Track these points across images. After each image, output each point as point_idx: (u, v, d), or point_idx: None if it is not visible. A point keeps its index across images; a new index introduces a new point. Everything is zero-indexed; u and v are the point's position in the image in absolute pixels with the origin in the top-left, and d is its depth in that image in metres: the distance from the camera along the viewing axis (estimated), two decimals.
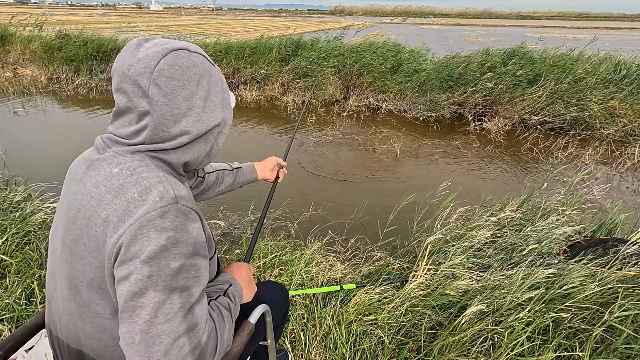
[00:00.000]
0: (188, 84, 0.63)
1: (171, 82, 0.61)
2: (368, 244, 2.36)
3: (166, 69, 0.60)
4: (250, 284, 0.87)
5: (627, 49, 5.75)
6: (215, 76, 0.69)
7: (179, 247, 0.58)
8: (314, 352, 1.48)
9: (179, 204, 0.60)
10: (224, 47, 6.83)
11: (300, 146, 4.39)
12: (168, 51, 0.61)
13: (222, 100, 0.71)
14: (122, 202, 0.58)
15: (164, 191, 0.60)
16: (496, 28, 44.21)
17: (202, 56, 0.67)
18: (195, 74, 0.64)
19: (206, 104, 0.66)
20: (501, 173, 3.80)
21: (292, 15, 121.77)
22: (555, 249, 1.96)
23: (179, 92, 0.62)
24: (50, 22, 13.59)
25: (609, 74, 5.03)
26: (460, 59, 5.63)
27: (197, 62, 0.65)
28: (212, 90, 0.67)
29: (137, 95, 0.61)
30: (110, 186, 0.60)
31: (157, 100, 0.61)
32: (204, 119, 0.66)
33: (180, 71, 0.62)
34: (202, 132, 0.67)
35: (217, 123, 0.69)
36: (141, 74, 0.60)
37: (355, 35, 8.91)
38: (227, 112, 0.73)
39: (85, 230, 0.60)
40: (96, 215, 0.59)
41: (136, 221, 0.56)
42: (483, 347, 1.40)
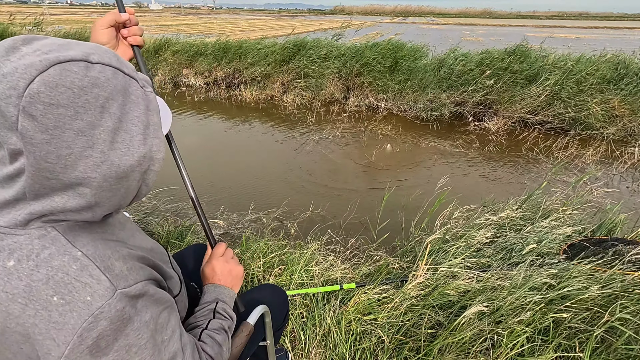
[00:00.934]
0: (84, 113, 0.42)
1: (53, 110, 0.41)
2: (368, 243, 2.36)
3: (44, 91, 0.40)
4: (233, 273, 0.83)
5: (627, 49, 5.74)
6: (135, 95, 0.48)
7: (140, 337, 0.49)
8: (314, 351, 1.48)
9: (117, 290, 0.47)
10: (224, 46, 6.84)
11: (300, 146, 4.38)
12: (50, 64, 0.41)
13: (146, 128, 0.49)
14: (40, 312, 0.43)
15: (92, 283, 0.45)
16: (496, 28, 44.21)
17: (112, 68, 0.45)
18: (98, 96, 0.43)
19: (116, 137, 0.45)
20: (501, 173, 3.80)
21: (292, 14, 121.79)
22: (555, 249, 1.96)
23: (69, 125, 0.41)
24: (49, 22, 13.58)
25: (609, 73, 5.02)
26: (458, 55, 5.64)
27: (100, 78, 0.44)
28: (127, 116, 0.46)
29: (3, 127, 0.42)
30: (11, 291, 0.44)
31: (32, 136, 0.41)
32: (113, 158, 0.45)
33: (70, 94, 0.41)
34: (111, 177, 0.46)
35: (136, 161, 0.48)
36: (4, 98, 0.40)
37: (355, 35, 8.91)
38: (155, 142, 0.51)
39: (3, 346, 0.46)
40: (9, 331, 0.44)
41: (72, 335, 0.43)
42: (483, 347, 1.40)
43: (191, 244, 1.32)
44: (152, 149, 0.50)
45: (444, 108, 5.34)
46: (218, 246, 0.87)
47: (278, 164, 3.87)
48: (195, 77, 6.95)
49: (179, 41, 7.37)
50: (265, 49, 6.51)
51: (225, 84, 6.84)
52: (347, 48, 6.29)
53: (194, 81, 6.94)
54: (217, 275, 0.81)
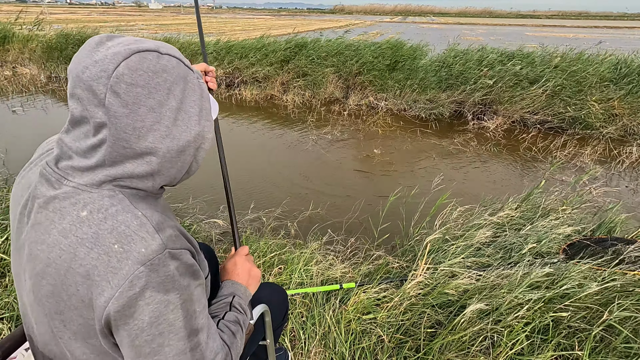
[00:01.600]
0: (155, 92, 0.53)
1: (133, 89, 0.51)
2: (367, 243, 2.36)
3: (127, 73, 0.50)
4: (252, 271, 0.86)
5: (627, 49, 5.75)
6: (192, 83, 0.58)
7: (178, 297, 0.54)
8: (314, 350, 1.48)
9: (167, 249, 0.54)
10: (225, 46, 6.83)
11: (300, 145, 4.38)
12: (131, 52, 0.52)
13: (200, 111, 0.60)
14: (102, 256, 0.51)
15: (147, 237, 0.53)
16: (496, 27, 44.19)
17: (176, 59, 0.56)
18: (166, 80, 0.54)
19: (178, 115, 0.56)
20: (500, 172, 3.80)
21: (292, 14, 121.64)
22: (554, 248, 1.96)
23: (143, 102, 0.52)
24: (49, 21, 13.56)
25: (609, 72, 5.02)
26: (458, 53, 5.64)
27: (168, 66, 0.54)
28: (187, 99, 0.57)
29: (92, 104, 0.51)
30: (81, 236, 0.52)
31: (116, 111, 0.51)
32: (175, 133, 0.56)
33: (146, 77, 0.52)
34: (172, 149, 0.56)
35: (193, 138, 0.58)
36: (96, 79, 0.50)
37: (355, 35, 8.90)
38: (206, 124, 0.61)
39: (62, 287, 0.53)
40: (72, 272, 0.51)
41: (125, 280, 0.50)
42: (482, 346, 1.40)
43: None
44: (204, 129, 0.61)
45: (443, 107, 5.35)
46: (243, 248, 0.91)
47: (278, 163, 3.87)
48: None
49: (179, 40, 7.37)
50: (266, 48, 6.51)
51: (225, 83, 6.84)
52: (346, 46, 6.28)
53: None
54: (237, 270, 0.84)
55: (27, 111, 5.36)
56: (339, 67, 6.13)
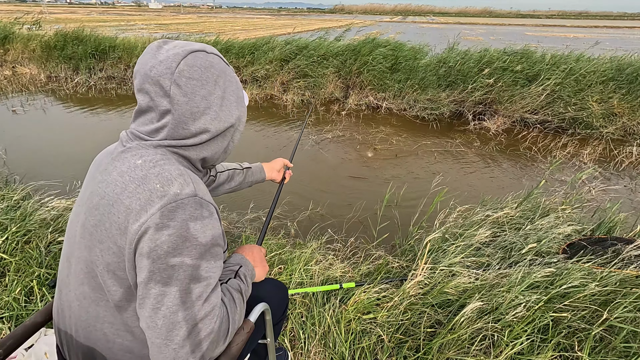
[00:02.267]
0: (206, 84, 0.67)
1: (191, 82, 0.65)
2: (367, 242, 2.36)
3: (186, 69, 0.64)
4: (262, 262, 0.91)
5: (627, 48, 5.75)
6: (230, 75, 0.72)
7: (199, 239, 0.60)
8: (314, 350, 1.48)
9: (197, 196, 0.63)
10: (225, 46, 6.83)
11: (300, 145, 4.38)
12: (187, 53, 0.65)
13: (237, 99, 0.74)
14: (145, 192, 0.60)
15: (184, 183, 0.63)
16: (496, 27, 44.18)
17: (218, 57, 0.70)
18: (213, 74, 0.68)
19: (223, 102, 0.70)
20: (500, 172, 3.80)
21: (292, 14, 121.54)
22: (554, 248, 1.96)
23: (198, 92, 0.66)
24: (48, 21, 13.55)
25: (610, 72, 5.02)
26: (458, 53, 5.63)
27: (214, 62, 0.68)
28: (228, 89, 0.71)
29: (158, 95, 0.64)
30: (134, 176, 0.62)
31: (178, 99, 0.64)
32: (222, 116, 0.70)
33: (199, 71, 0.66)
34: (220, 130, 0.71)
35: (234, 121, 0.73)
36: (163, 75, 0.63)
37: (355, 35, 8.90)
38: (242, 110, 0.76)
39: (107, 216, 0.62)
40: (119, 202, 0.61)
41: (158, 211, 0.59)
42: (482, 346, 1.40)
43: None
44: (241, 114, 0.76)
45: (443, 107, 5.35)
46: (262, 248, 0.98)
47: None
48: None
49: (179, 40, 7.35)
50: (265, 47, 6.51)
51: None
52: (346, 46, 6.28)
53: None
54: (252, 252, 0.89)
55: (27, 111, 5.36)
56: (339, 67, 6.12)
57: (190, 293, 0.60)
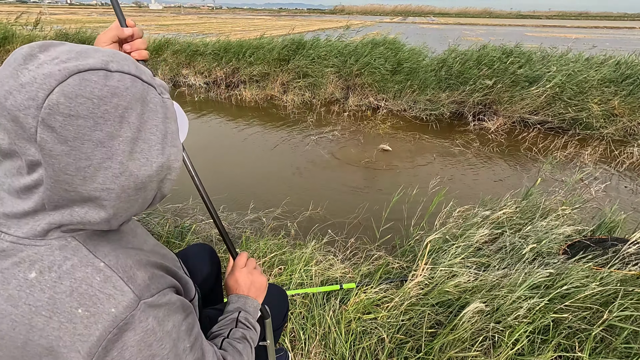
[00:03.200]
0: (103, 124, 0.41)
1: (73, 122, 0.39)
2: (368, 243, 2.36)
3: (63, 102, 0.39)
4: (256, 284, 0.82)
5: (627, 49, 5.74)
6: (153, 103, 0.46)
7: (166, 345, 0.49)
8: (314, 351, 1.48)
9: (141, 301, 0.47)
10: (224, 45, 6.83)
11: (300, 145, 4.38)
12: (69, 74, 0.40)
13: (164, 137, 0.47)
14: (64, 325, 0.43)
15: (116, 294, 0.45)
16: (496, 27, 44.20)
17: (131, 76, 0.44)
18: (117, 106, 0.41)
19: (135, 147, 0.44)
20: (500, 172, 3.80)
21: (292, 14, 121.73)
22: (554, 249, 1.96)
23: (88, 136, 0.40)
24: (49, 21, 13.58)
25: (611, 73, 5.02)
26: (457, 54, 5.64)
27: (120, 87, 0.42)
28: (145, 125, 0.45)
29: (21, 138, 0.41)
30: (34, 303, 0.43)
31: (51, 148, 0.40)
32: (132, 169, 0.44)
33: (89, 105, 0.40)
34: (130, 187, 0.44)
35: (155, 171, 0.46)
36: (23, 109, 0.39)
37: (355, 35, 8.91)
38: (172, 151, 0.49)
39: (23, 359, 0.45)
40: (32, 344, 0.43)
41: (98, 347, 0.43)
42: (483, 346, 1.40)
43: (191, 244, 1.32)
44: (170, 158, 0.49)
45: (443, 108, 5.35)
46: (240, 257, 0.86)
47: (278, 164, 3.87)
48: (195, 76, 6.95)
49: (179, 41, 7.37)
50: (265, 47, 6.51)
51: (225, 83, 6.84)
52: (345, 46, 6.28)
53: (193, 81, 6.94)
54: (240, 287, 0.80)
55: None
56: (339, 67, 6.13)
57: None
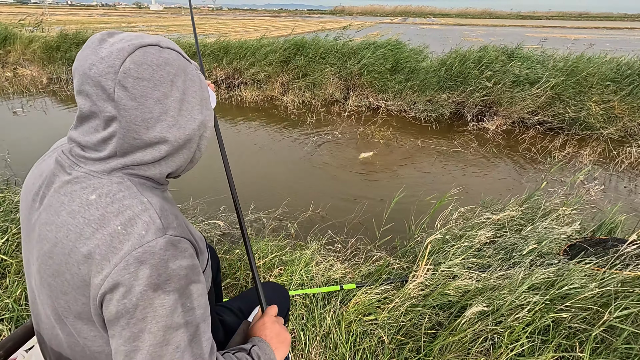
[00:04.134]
0: (160, 85, 0.55)
1: (140, 83, 0.53)
2: (368, 243, 2.36)
3: (133, 68, 0.53)
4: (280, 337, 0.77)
5: (627, 49, 5.74)
6: (192, 74, 0.61)
7: (171, 283, 0.53)
8: (314, 352, 1.48)
9: (167, 235, 0.54)
10: (224, 46, 6.84)
11: (300, 146, 4.39)
12: (135, 47, 0.54)
13: (201, 101, 0.62)
14: (105, 237, 0.52)
15: (149, 222, 0.54)
16: (496, 28, 44.21)
17: (176, 52, 0.59)
18: (169, 72, 0.56)
19: (182, 106, 0.58)
20: (500, 173, 3.80)
21: (292, 15, 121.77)
22: (555, 249, 1.96)
23: (150, 94, 0.54)
24: (50, 22, 13.58)
25: (611, 73, 5.01)
26: (458, 55, 5.64)
27: (169, 59, 0.56)
28: (188, 90, 0.59)
29: (101, 99, 0.53)
30: (89, 217, 0.53)
31: (125, 104, 0.53)
32: (181, 122, 0.59)
33: (150, 70, 0.54)
34: (180, 138, 0.59)
35: (197, 126, 0.61)
36: (104, 75, 0.52)
37: (355, 35, 8.92)
38: (207, 113, 0.64)
39: (66, 266, 0.54)
40: (76, 251, 0.53)
41: (122, 260, 0.51)
42: (483, 347, 1.40)
43: None
44: (206, 118, 0.63)
45: (443, 108, 5.35)
46: (271, 308, 0.83)
47: (278, 164, 3.87)
48: None
49: (179, 42, 7.38)
50: (265, 48, 6.51)
51: (226, 84, 6.84)
52: (346, 48, 6.28)
53: None
54: (266, 332, 0.76)
55: (27, 112, 5.37)
56: (339, 67, 6.13)
57: (167, 345, 0.52)
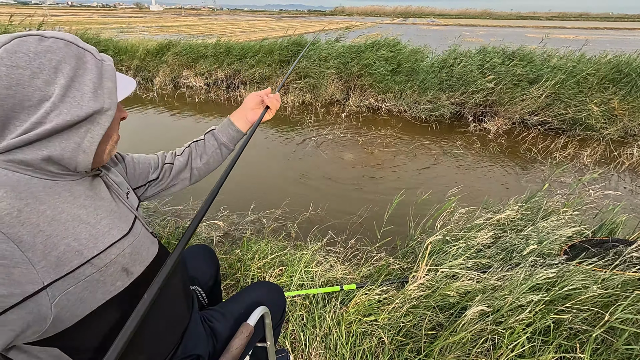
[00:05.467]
0: (40, 72, 0.56)
1: (14, 71, 0.54)
2: (368, 244, 2.36)
3: (6, 57, 0.54)
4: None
5: (628, 50, 5.73)
6: (89, 63, 0.61)
7: None
8: (314, 352, 1.48)
9: None
10: (225, 47, 6.84)
11: (299, 146, 4.39)
12: (12, 39, 0.56)
13: (96, 89, 0.62)
14: None
15: None
16: (496, 28, 44.24)
17: (64, 41, 0.59)
18: (50, 60, 0.57)
19: (68, 92, 0.58)
20: (500, 173, 3.80)
21: (292, 15, 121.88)
22: (555, 250, 1.95)
23: (27, 82, 0.55)
24: (50, 23, 13.60)
25: (611, 73, 5.01)
26: (458, 55, 5.64)
27: (53, 47, 0.57)
28: (80, 77, 0.60)
29: None
30: None
31: (0, 93, 0.54)
32: (64, 109, 0.57)
33: (26, 58, 0.55)
34: (61, 125, 0.57)
35: (84, 114, 0.60)
36: None
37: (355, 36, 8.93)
38: (106, 102, 0.63)
39: None
40: None
41: None
42: (483, 348, 1.40)
43: (191, 245, 1.32)
44: (102, 106, 0.62)
45: (444, 109, 5.35)
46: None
47: (278, 165, 3.87)
48: (195, 78, 6.96)
49: (180, 42, 7.38)
50: (266, 49, 6.52)
51: (226, 85, 6.85)
52: (347, 48, 6.29)
53: (194, 82, 6.95)
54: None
55: None
56: (339, 68, 6.13)
57: None
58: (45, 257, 0.54)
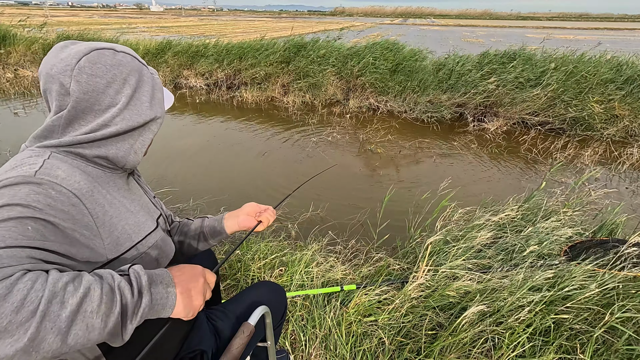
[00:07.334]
0: (113, 82, 0.65)
1: (93, 79, 0.63)
2: (368, 244, 2.35)
3: (87, 66, 0.62)
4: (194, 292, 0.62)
5: (628, 50, 5.74)
6: (146, 76, 0.71)
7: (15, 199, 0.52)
8: (314, 353, 1.48)
9: (36, 176, 0.56)
10: (225, 47, 6.85)
11: (300, 146, 4.39)
12: (91, 50, 0.64)
13: (152, 100, 0.72)
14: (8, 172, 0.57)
15: (28, 168, 0.57)
16: (496, 29, 44.24)
17: (131, 56, 0.69)
18: (121, 72, 0.66)
19: (131, 101, 0.68)
20: (500, 174, 3.79)
21: (293, 16, 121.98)
22: (555, 250, 1.95)
23: (102, 90, 0.64)
24: (51, 23, 13.62)
25: (611, 73, 5.01)
26: (457, 58, 5.64)
27: (123, 61, 0.67)
28: (141, 89, 0.70)
29: (60, 94, 0.63)
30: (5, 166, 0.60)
31: (77, 97, 0.62)
32: (127, 115, 0.67)
33: (104, 69, 0.64)
34: (123, 129, 0.67)
35: (142, 121, 0.70)
36: (63, 72, 0.62)
37: (356, 36, 8.93)
38: (158, 111, 0.74)
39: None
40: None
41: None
42: (484, 348, 1.40)
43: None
44: (156, 115, 0.73)
45: (444, 109, 5.35)
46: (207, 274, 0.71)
47: (278, 165, 3.87)
48: (196, 78, 6.96)
49: (180, 42, 7.39)
50: (265, 49, 6.52)
51: (226, 85, 6.85)
52: (347, 49, 6.29)
53: (194, 82, 6.95)
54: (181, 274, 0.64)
55: (29, 114, 5.37)
56: (339, 68, 6.13)
57: None
58: (110, 235, 0.63)
